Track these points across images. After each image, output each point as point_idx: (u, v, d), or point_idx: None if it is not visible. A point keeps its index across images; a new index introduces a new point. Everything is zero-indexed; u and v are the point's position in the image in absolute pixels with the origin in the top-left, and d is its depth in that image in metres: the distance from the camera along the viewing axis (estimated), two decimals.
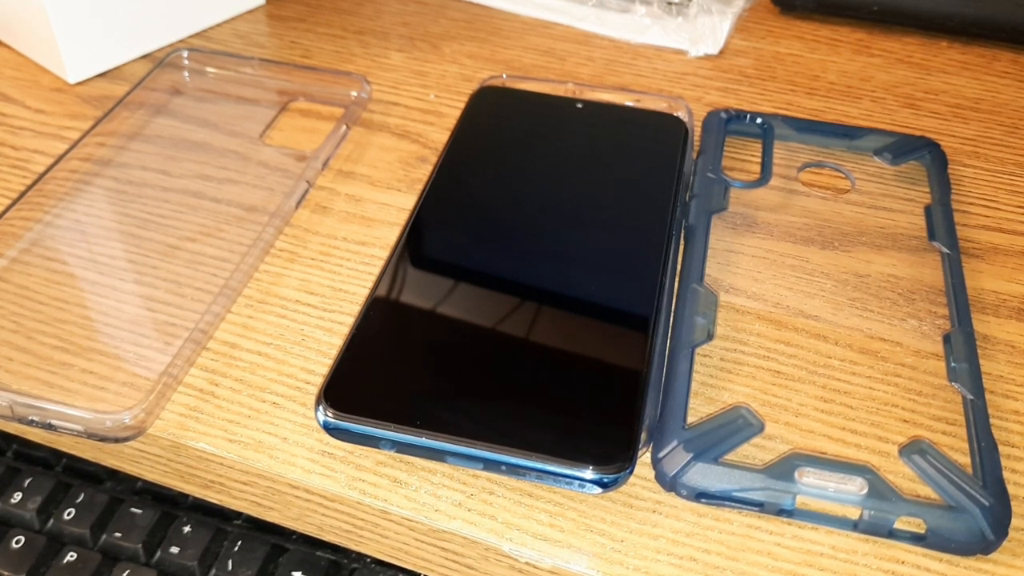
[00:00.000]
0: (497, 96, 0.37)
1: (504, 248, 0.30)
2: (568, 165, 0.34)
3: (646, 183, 0.32)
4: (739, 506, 0.24)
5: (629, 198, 0.32)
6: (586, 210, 0.31)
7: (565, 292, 0.28)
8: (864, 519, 0.24)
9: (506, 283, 0.28)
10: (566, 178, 0.33)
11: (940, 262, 0.31)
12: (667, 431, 0.25)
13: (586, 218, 0.31)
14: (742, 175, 0.35)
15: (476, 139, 0.35)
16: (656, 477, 0.25)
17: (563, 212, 0.31)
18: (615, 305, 0.28)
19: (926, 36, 0.45)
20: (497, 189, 0.33)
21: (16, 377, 0.27)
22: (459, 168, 0.34)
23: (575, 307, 0.28)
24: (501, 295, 0.28)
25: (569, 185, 0.33)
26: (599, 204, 0.32)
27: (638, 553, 0.24)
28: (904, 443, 0.26)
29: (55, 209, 0.33)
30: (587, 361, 0.26)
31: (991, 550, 0.24)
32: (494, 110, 0.37)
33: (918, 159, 0.36)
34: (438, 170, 0.33)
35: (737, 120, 0.37)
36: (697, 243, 0.31)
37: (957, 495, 0.24)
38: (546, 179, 0.33)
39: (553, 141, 0.35)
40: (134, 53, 0.41)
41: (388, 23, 0.45)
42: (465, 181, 0.33)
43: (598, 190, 0.32)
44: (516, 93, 0.37)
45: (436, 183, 0.33)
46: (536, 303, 0.28)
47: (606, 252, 0.30)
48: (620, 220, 0.31)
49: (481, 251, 0.30)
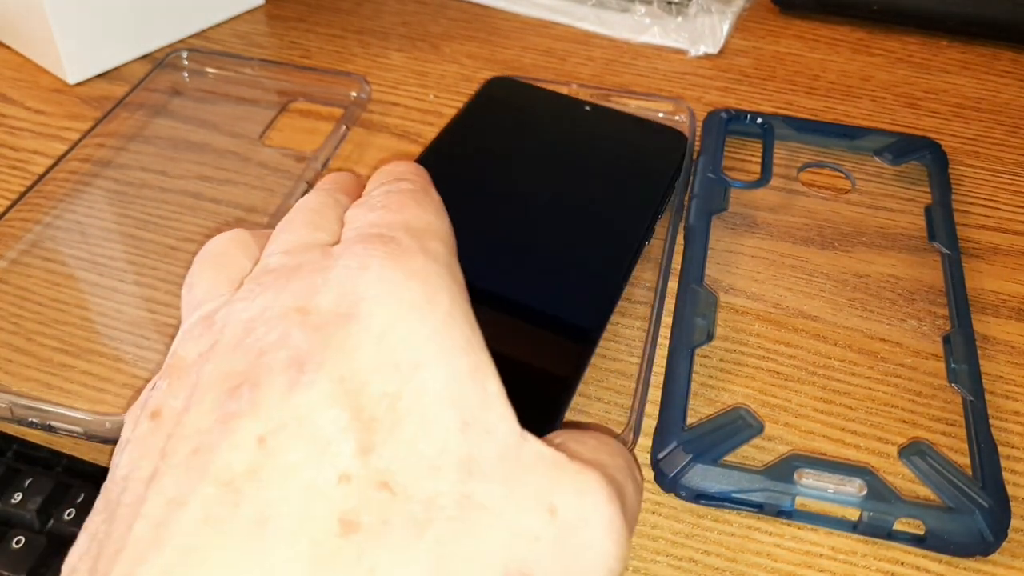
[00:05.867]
0: (507, 87, 0.37)
1: (467, 230, 0.30)
2: (558, 161, 0.33)
3: (632, 189, 0.32)
4: (739, 507, 0.24)
5: (609, 201, 0.31)
6: (561, 207, 0.31)
7: (517, 279, 0.28)
8: (863, 520, 0.24)
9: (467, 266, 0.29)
10: (552, 173, 0.33)
11: (940, 262, 0.31)
12: (667, 432, 0.25)
13: (559, 215, 0.31)
14: (742, 175, 0.35)
15: (473, 124, 0.35)
16: (655, 478, 0.25)
17: (538, 205, 0.31)
18: (565, 297, 0.28)
19: (926, 35, 0.45)
20: (479, 173, 0.33)
21: (16, 379, 0.27)
22: (449, 149, 0.34)
23: (523, 293, 0.28)
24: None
25: (552, 180, 0.32)
26: (576, 203, 0.31)
27: (637, 554, 0.24)
28: (904, 444, 0.26)
29: (55, 210, 0.33)
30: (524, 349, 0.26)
31: (990, 551, 0.24)
32: (500, 100, 0.37)
33: (919, 159, 0.36)
34: (428, 148, 0.34)
35: (737, 120, 0.37)
36: (697, 244, 0.31)
37: (956, 496, 0.24)
38: (531, 170, 0.33)
39: (549, 136, 0.35)
40: (133, 53, 0.41)
41: (388, 23, 0.45)
42: (450, 161, 0.33)
43: (580, 189, 0.32)
44: (526, 87, 0.37)
45: (421, 159, 0.33)
46: (488, 284, 0.28)
47: (569, 250, 0.30)
48: (593, 221, 0.31)
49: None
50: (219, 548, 0.15)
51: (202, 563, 0.15)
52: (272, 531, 0.15)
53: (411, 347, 0.17)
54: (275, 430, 0.16)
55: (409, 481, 0.16)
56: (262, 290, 0.18)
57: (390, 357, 0.17)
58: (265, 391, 0.16)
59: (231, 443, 0.16)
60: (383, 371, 0.17)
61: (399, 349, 0.17)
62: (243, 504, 0.15)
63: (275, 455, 0.16)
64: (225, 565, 0.15)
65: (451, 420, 0.16)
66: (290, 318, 0.17)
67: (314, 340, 0.17)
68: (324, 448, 0.16)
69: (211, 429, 0.16)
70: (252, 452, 0.16)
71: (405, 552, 0.15)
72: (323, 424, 0.16)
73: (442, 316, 0.17)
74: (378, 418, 0.16)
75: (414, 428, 0.16)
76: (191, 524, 0.15)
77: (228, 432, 0.16)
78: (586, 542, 0.16)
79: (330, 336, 0.17)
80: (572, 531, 0.16)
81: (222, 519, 0.15)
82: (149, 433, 0.17)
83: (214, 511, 0.15)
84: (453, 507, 0.16)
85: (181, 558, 0.15)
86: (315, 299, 0.18)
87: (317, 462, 0.15)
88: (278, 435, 0.16)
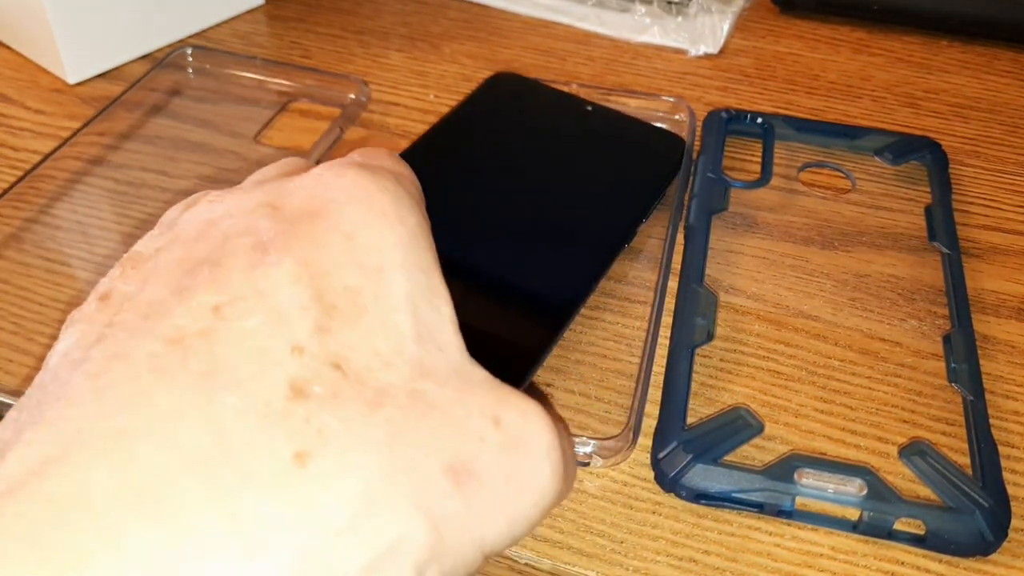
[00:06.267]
0: (510, 82, 0.37)
1: (453, 207, 0.30)
2: (552, 154, 0.34)
3: (622, 188, 0.32)
4: (739, 507, 0.24)
5: (597, 197, 0.32)
6: (548, 198, 0.31)
7: (495, 257, 0.29)
8: (864, 520, 0.24)
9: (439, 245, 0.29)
10: (544, 165, 0.33)
11: (940, 262, 0.31)
12: (667, 432, 0.25)
13: (544, 205, 0.31)
14: (742, 175, 0.35)
15: (473, 114, 0.35)
16: (656, 478, 0.25)
17: (525, 193, 0.32)
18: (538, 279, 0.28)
19: (926, 35, 0.45)
20: (471, 158, 0.33)
21: (15, 379, 0.27)
22: (446, 135, 0.34)
23: (499, 271, 0.28)
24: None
25: (544, 171, 0.33)
26: (563, 196, 0.32)
27: (637, 554, 0.24)
28: (904, 444, 0.26)
29: (54, 210, 0.33)
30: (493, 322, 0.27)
31: (991, 551, 0.24)
32: (502, 93, 0.37)
33: (919, 159, 0.35)
34: (425, 133, 0.34)
35: (738, 120, 0.37)
36: (697, 243, 0.31)
37: (957, 496, 0.24)
38: (523, 161, 0.33)
39: (546, 130, 0.35)
40: (134, 53, 0.41)
41: (388, 23, 0.45)
42: (445, 146, 0.33)
43: (570, 183, 0.32)
44: (530, 83, 0.37)
45: (419, 142, 0.33)
46: (467, 259, 0.28)
47: (550, 237, 0.30)
48: (577, 214, 0.31)
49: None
50: (163, 394, 0.14)
51: (142, 407, 0.14)
52: (220, 383, 0.15)
53: (377, 251, 0.17)
54: (232, 301, 0.16)
55: (362, 368, 0.16)
56: (229, 195, 0.18)
57: (356, 256, 0.17)
58: (226, 269, 0.16)
59: (185, 308, 0.15)
60: (348, 267, 0.17)
61: (365, 250, 0.17)
62: (191, 358, 0.15)
63: (230, 320, 0.15)
64: (168, 411, 0.14)
65: (407, 327, 0.17)
66: (259, 211, 0.17)
67: (281, 229, 0.17)
68: (281, 319, 0.15)
69: (164, 300, 0.16)
70: (206, 317, 0.15)
71: (356, 422, 0.15)
72: (283, 298, 0.16)
73: (408, 232, 0.18)
74: (338, 307, 0.16)
75: (372, 324, 0.16)
76: (134, 372, 0.15)
77: (183, 300, 0.16)
78: (526, 460, 0.16)
79: (298, 227, 0.17)
80: (514, 444, 0.16)
81: (167, 369, 0.15)
82: (96, 312, 0.16)
83: (160, 362, 0.15)
84: (404, 398, 0.16)
85: (121, 403, 0.14)
86: (286, 198, 0.18)
87: (272, 331, 0.15)
88: (235, 304, 0.16)
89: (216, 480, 0.14)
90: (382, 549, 0.14)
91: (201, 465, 0.14)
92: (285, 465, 0.14)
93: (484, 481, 0.16)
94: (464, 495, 0.15)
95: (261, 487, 0.14)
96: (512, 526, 0.16)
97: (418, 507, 0.15)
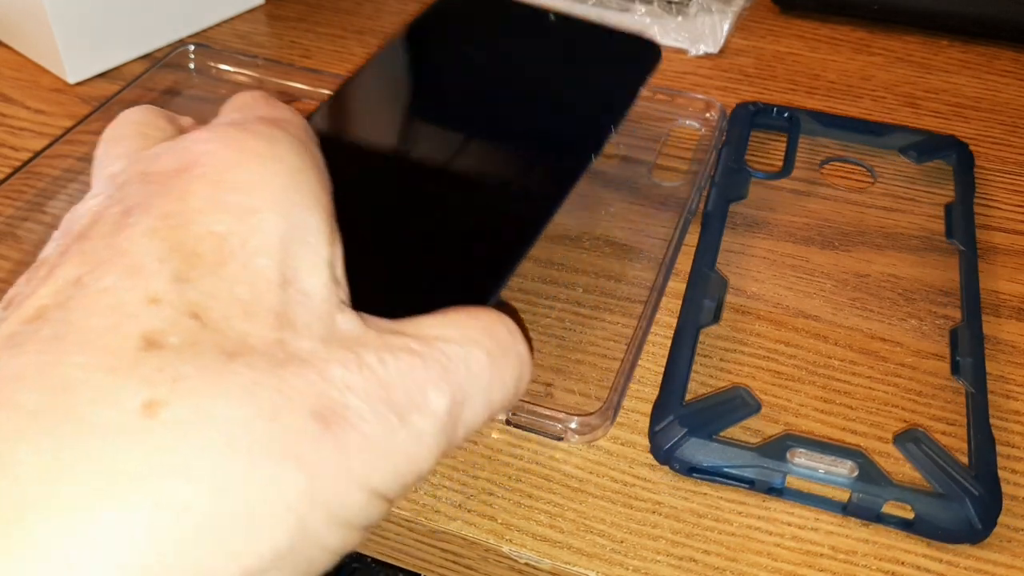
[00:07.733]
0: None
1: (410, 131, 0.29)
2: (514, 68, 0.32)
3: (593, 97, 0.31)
4: (730, 482, 0.25)
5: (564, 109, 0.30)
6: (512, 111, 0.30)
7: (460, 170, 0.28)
8: (853, 502, 0.24)
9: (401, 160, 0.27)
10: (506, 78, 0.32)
11: (956, 259, 0.31)
12: (665, 406, 0.26)
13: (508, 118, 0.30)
14: (765, 167, 0.35)
15: (425, 32, 0.33)
16: (651, 450, 0.26)
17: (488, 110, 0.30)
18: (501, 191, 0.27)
19: (927, 35, 0.45)
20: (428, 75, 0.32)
21: None
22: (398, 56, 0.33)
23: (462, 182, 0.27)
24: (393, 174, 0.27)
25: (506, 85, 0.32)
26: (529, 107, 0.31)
27: (638, 554, 0.24)
28: (899, 431, 0.26)
29: (47, 207, 0.33)
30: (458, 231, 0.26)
31: (979, 539, 0.24)
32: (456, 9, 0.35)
33: (944, 158, 0.35)
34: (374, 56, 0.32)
35: (764, 113, 0.37)
36: (713, 229, 0.32)
37: (947, 483, 0.24)
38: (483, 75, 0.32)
39: (506, 45, 0.33)
40: (134, 53, 0.41)
41: (388, 23, 0.45)
42: (397, 67, 0.32)
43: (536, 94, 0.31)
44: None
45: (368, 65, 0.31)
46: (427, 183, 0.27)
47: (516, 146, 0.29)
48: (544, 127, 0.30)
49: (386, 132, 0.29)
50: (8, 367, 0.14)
51: None
52: (69, 343, 0.15)
53: (246, 191, 0.17)
54: (92, 268, 0.16)
55: (221, 318, 0.15)
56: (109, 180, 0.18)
57: (223, 198, 0.17)
58: (91, 240, 0.16)
59: (47, 288, 0.16)
60: (213, 212, 0.16)
61: (233, 191, 0.17)
62: (44, 328, 0.15)
63: (88, 286, 0.15)
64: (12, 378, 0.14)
65: (272, 273, 0.16)
66: (130, 183, 0.17)
67: (148, 191, 0.17)
68: (136, 273, 0.15)
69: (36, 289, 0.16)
70: (66, 289, 0.15)
71: (214, 369, 0.15)
72: (138, 253, 0.16)
73: (287, 169, 0.17)
74: (200, 254, 0.16)
75: (235, 271, 0.16)
76: None
77: (47, 281, 0.16)
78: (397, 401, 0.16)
79: (164, 185, 0.17)
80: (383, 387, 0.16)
81: (19, 342, 0.15)
82: None
83: (14, 339, 0.15)
84: (264, 347, 0.15)
85: None
86: (154, 163, 0.18)
87: (127, 286, 0.15)
88: (95, 271, 0.16)
89: (52, 434, 0.14)
90: (253, 498, 0.14)
91: (36, 422, 0.14)
92: (133, 414, 0.14)
93: (354, 424, 0.15)
94: (336, 439, 0.15)
95: (106, 437, 0.14)
96: (396, 465, 0.16)
97: (286, 454, 0.15)
